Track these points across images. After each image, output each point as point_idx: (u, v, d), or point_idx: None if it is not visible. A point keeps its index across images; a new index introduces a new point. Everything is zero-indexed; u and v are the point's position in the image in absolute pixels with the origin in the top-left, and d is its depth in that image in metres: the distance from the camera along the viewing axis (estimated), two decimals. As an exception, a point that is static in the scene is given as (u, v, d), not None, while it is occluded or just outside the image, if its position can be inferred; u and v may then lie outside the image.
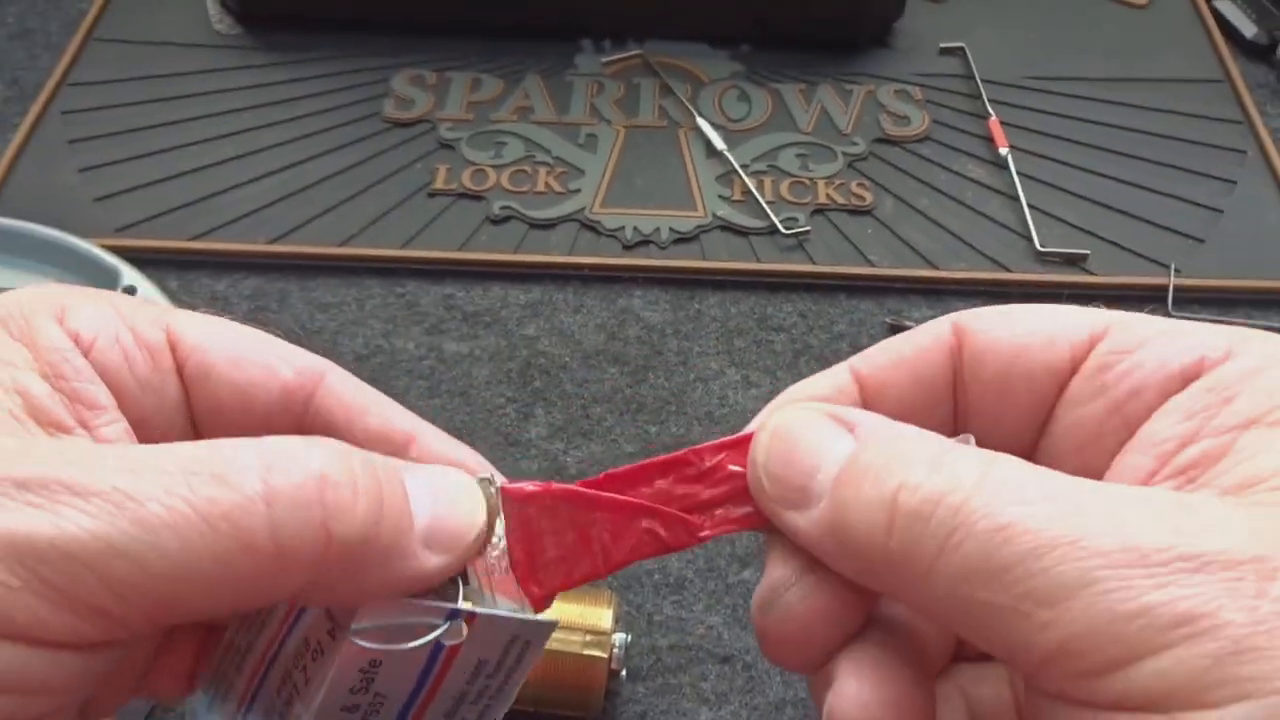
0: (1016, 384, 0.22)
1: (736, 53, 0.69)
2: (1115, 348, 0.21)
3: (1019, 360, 0.22)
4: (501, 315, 0.55)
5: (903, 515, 0.19)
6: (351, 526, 0.19)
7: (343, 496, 0.19)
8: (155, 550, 0.17)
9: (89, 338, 0.21)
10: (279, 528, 0.18)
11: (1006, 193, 0.61)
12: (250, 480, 0.18)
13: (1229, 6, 0.72)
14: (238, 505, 0.18)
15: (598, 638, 0.40)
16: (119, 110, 0.63)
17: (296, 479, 0.19)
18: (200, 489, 0.18)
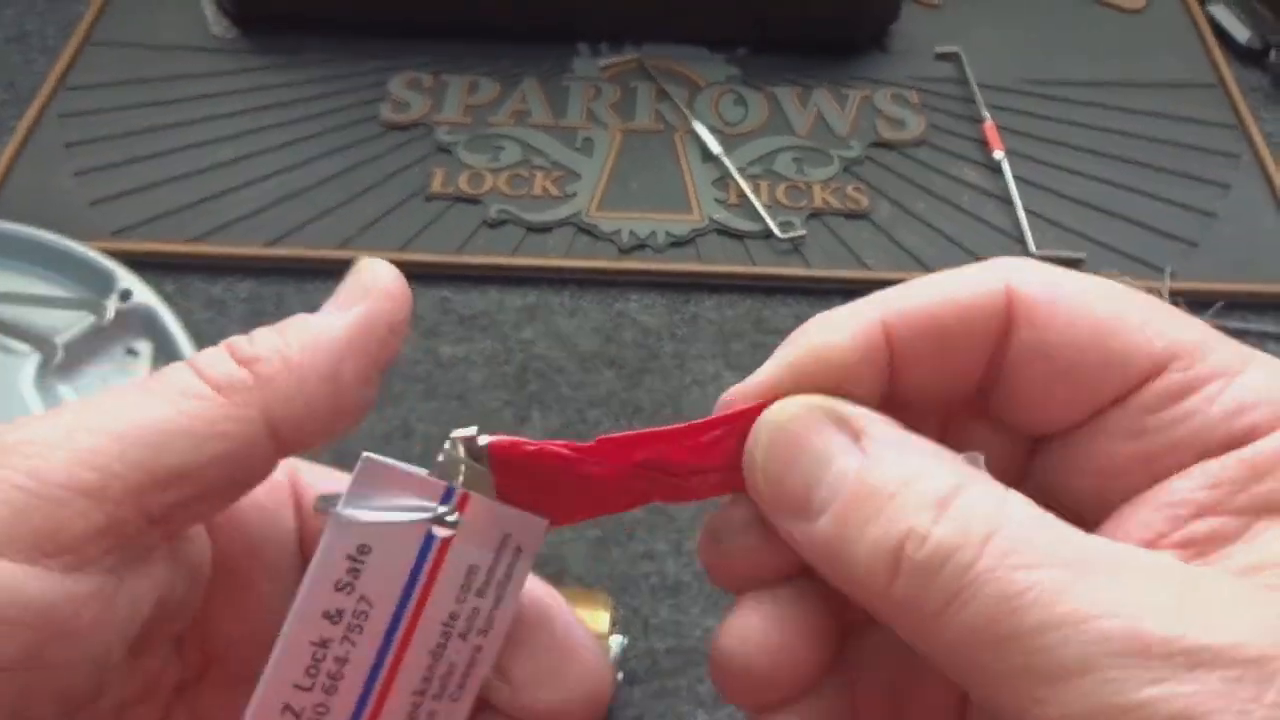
0: (1061, 392, 0.21)
1: (733, 56, 0.69)
2: (1168, 390, 0.20)
3: (1077, 369, 0.20)
4: (498, 318, 0.55)
5: (908, 567, 0.18)
6: (256, 351, 0.22)
7: (243, 345, 0.22)
8: (117, 417, 0.19)
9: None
10: (206, 375, 0.21)
11: (1002, 196, 0.61)
12: (175, 365, 0.21)
13: (1222, 11, 0.72)
14: (171, 377, 0.21)
15: None
16: (115, 113, 0.63)
17: (209, 352, 0.22)
18: (146, 383, 0.21)
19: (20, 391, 0.47)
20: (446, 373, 0.52)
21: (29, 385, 0.47)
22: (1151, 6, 0.73)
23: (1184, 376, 0.19)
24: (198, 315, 0.54)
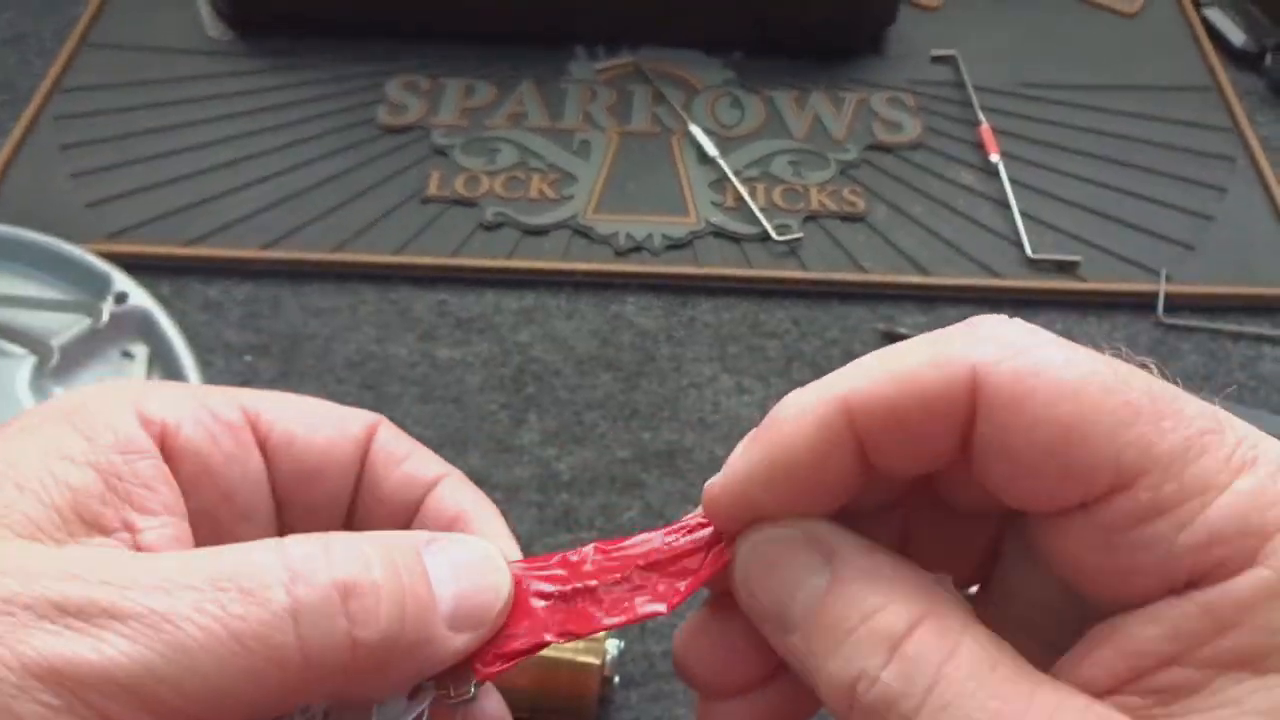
0: (1023, 491, 0.20)
1: (729, 60, 0.69)
2: (1133, 511, 0.18)
3: (1037, 474, 0.19)
4: (494, 321, 0.55)
5: (859, 706, 0.19)
6: (376, 630, 0.20)
7: (366, 603, 0.20)
8: (192, 673, 0.18)
9: (174, 422, 0.22)
10: (307, 642, 0.19)
11: (998, 199, 0.61)
12: (277, 594, 0.19)
13: (1218, 15, 0.72)
14: (266, 623, 0.19)
15: (591, 644, 0.40)
16: (112, 116, 0.63)
17: (320, 588, 0.19)
18: (230, 607, 0.19)
19: (15, 394, 0.47)
20: (443, 375, 0.52)
21: (24, 388, 0.47)
22: (1147, 10, 0.74)
23: (1152, 496, 0.18)
24: (194, 318, 0.54)
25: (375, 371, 0.52)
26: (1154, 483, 0.18)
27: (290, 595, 0.19)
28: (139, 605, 0.18)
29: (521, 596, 0.23)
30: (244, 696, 0.19)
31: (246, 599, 0.19)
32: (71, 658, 0.17)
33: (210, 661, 0.18)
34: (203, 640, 0.18)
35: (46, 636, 0.17)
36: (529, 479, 0.49)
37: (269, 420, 0.24)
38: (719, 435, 0.51)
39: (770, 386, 0.52)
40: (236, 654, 0.18)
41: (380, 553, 0.20)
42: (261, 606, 0.19)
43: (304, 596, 0.19)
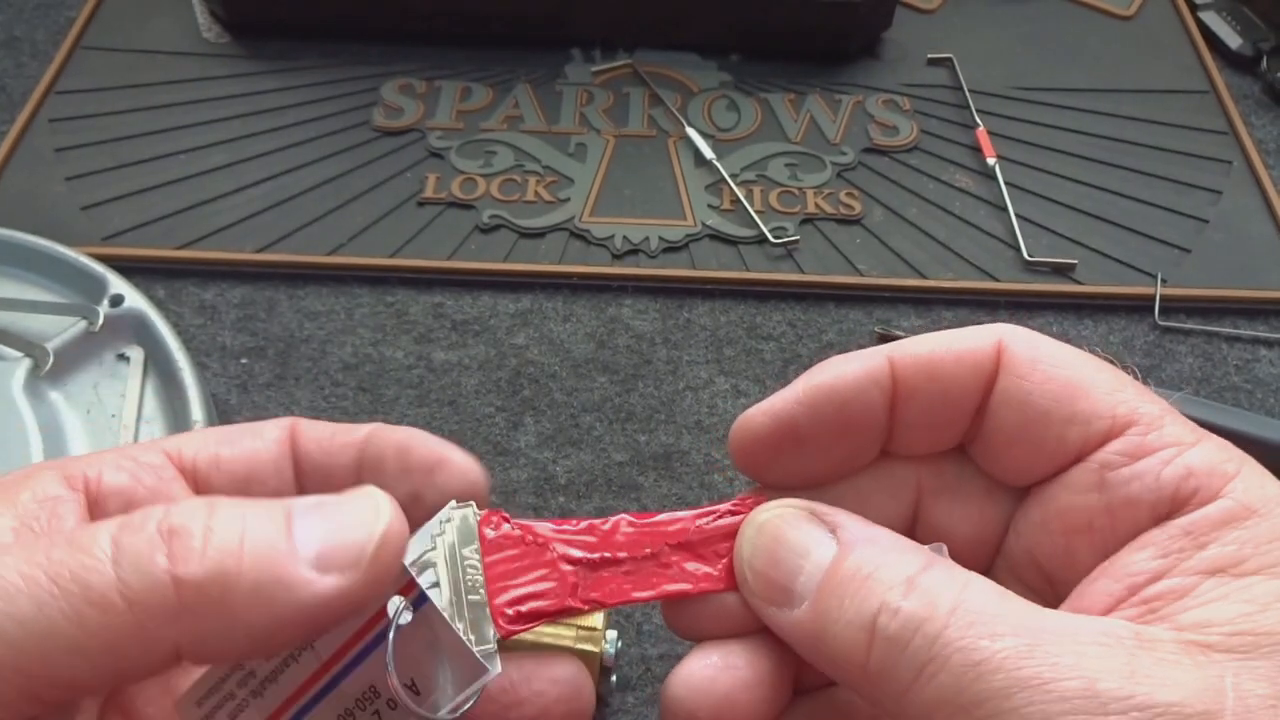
0: (1031, 440, 0.23)
1: (725, 62, 0.69)
2: (1125, 450, 0.22)
3: (1047, 419, 0.23)
4: (491, 324, 0.55)
5: (881, 639, 0.20)
6: (198, 566, 0.19)
7: (188, 543, 0.19)
8: (10, 617, 0.18)
9: (94, 474, 0.23)
10: (126, 582, 0.19)
11: (994, 202, 0.61)
12: (100, 541, 0.19)
13: (1214, 18, 0.72)
14: (84, 565, 0.19)
15: (589, 633, 0.40)
16: (107, 119, 0.63)
17: (145, 534, 0.19)
18: (54, 554, 0.19)
19: (11, 397, 0.46)
20: (439, 378, 0.52)
21: (19, 391, 0.47)
22: (1143, 13, 0.74)
23: (1141, 440, 0.22)
24: (189, 321, 0.54)
25: (371, 374, 0.52)
26: (1143, 430, 0.22)
27: (113, 540, 0.19)
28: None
29: (550, 559, 0.23)
30: (74, 643, 0.18)
31: (70, 546, 0.19)
32: None
33: (28, 605, 0.18)
34: (21, 585, 0.18)
35: None
36: (525, 481, 0.49)
37: (192, 451, 0.24)
38: (715, 438, 0.50)
39: (766, 389, 0.52)
40: (54, 596, 0.18)
41: (232, 503, 0.20)
42: (82, 551, 0.19)
43: (125, 540, 0.19)
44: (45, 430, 0.46)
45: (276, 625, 0.19)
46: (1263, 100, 0.68)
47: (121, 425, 0.47)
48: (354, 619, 0.22)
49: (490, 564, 0.23)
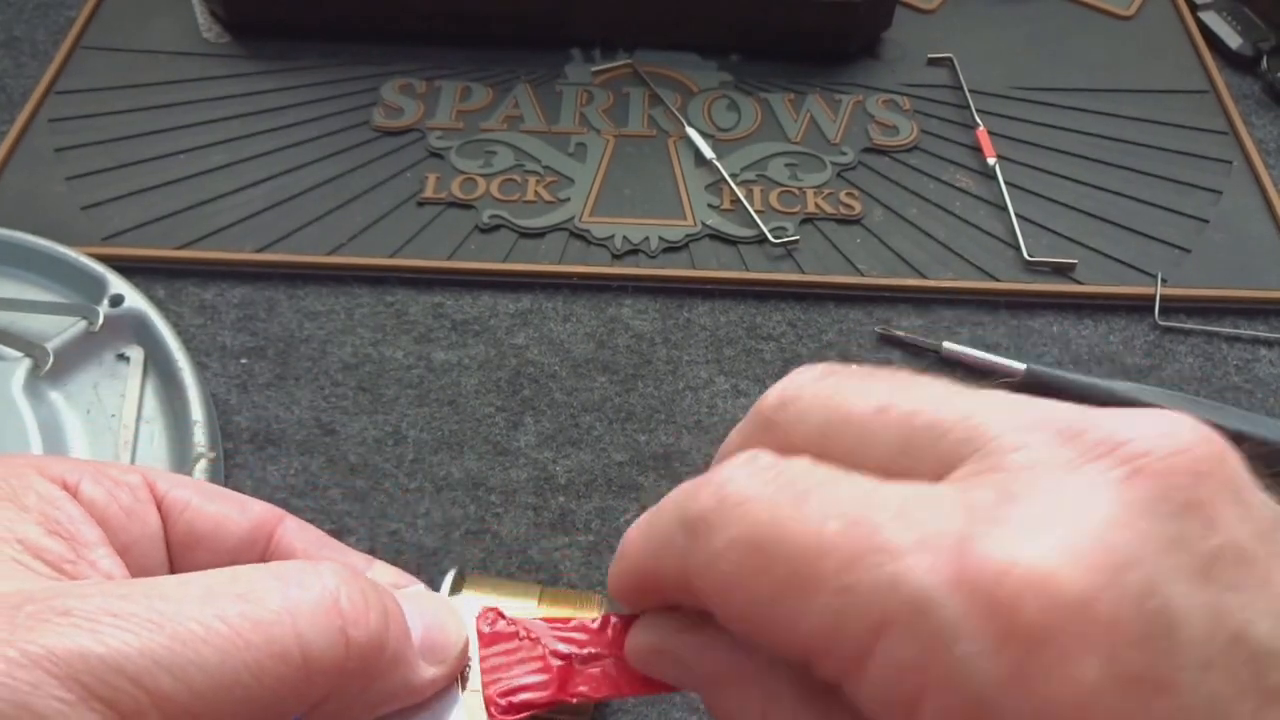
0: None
1: (725, 62, 0.69)
2: (826, 678, 0.19)
3: (756, 636, 0.21)
4: (490, 324, 0.55)
5: None
6: (367, 632, 0.21)
7: (357, 607, 0.21)
8: (196, 665, 0.18)
9: (74, 481, 0.23)
10: (304, 637, 0.20)
11: (994, 202, 0.61)
12: (273, 597, 0.20)
13: (1214, 18, 0.72)
14: (265, 620, 0.19)
15: None
16: (106, 118, 0.63)
17: (314, 593, 0.20)
18: (228, 607, 0.19)
19: (10, 397, 0.46)
20: (439, 378, 0.52)
21: (19, 391, 0.47)
22: (1143, 13, 0.74)
23: (840, 656, 0.18)
24: (189, 321, 0.54)
25: (371, 374, 0.52)
26: (834, 652, 0.18)
27: (284, 597, 0.20)
28: (140, 606, 0.19)
29: (541, 653, 0.24)
30: (247, 693, 0.19)
31: (242, 600, 0.19)
32: (80, 650, 0.17)
33: (213, 655, 0.19)
34: (204, 634, 0.19)
35: (52, 634, 0.18)
36: (525, 481, 0.49)
37: (166, 484, 0.25)
38: (715, 438, 0.50)
39: (766, 389, 0.52)
40: (239, 647, 0.19)
41: (365, 577, 0.22)
42: (259, 605, 0.20)
43: (298, 597, 0.20)
44: (45, 430, 0.46)
45: (387, 697, 0.22)
46: (1263, 100, 0.68)
47: (121, 425, 0.47)
48: None
49: (485, 656, 0.24)
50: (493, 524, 0.47)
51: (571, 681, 0.24)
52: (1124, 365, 0.54)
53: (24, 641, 0.17)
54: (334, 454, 0.49)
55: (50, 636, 0.17)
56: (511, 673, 0.24)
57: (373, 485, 0.48)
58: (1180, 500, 0.17)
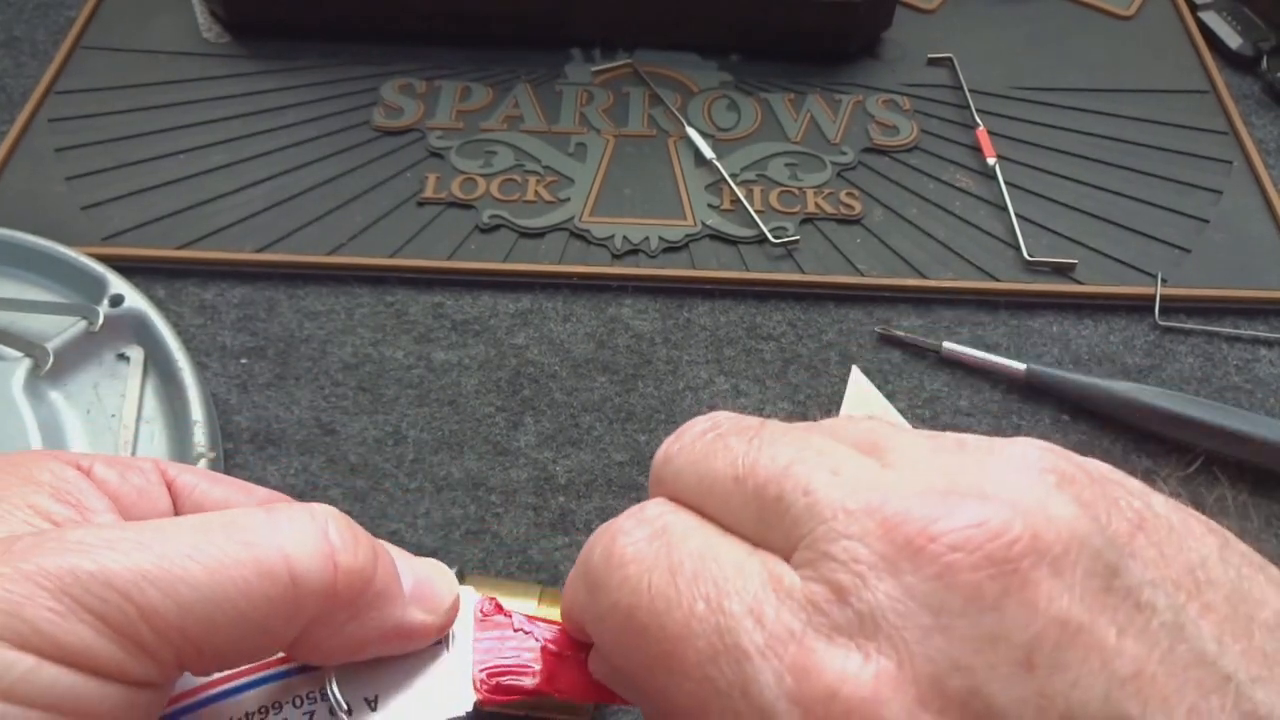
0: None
1: (725, 62, 0.69)
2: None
3: None
4: (490, 324, 0.55)
5: None
6: (355, 561, 0.21)
7: (345, 539, 0.22)
8: (184, 582, 0.19)
9: (87, 465, 0.24)
10: (292, 559, 0.20)
11: (995, 202, 0.61)
12: (261, 525, 0.21)
13: (1214, 18, 0.72)
14: (253, 541, 0.20)
15: None
16: (106, 118, 0.63)
17: (302, 524, 0.21)
18: (218, 533, 0.20)
19: (11, 396, 0.46)
20: (439, 378, 0.52)
21: (19, 391, 0.47)
22: (1143, 13, 0.74)
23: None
24: (189, 321, 0.54)
25: (371, 374, 0.52)
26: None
27: (273, 525, 0.21)
28: (131, 533, 0.19)
29: (534, 646, 0.25)
30: (237, 610, 0.20)
31: (230, 526, 0.20)
32: (71, 567, 0.18)
33: (201, 573, 0.19)
34: (191, 553, 0.19)
35: (46, 555, 0.19)
36: (525, 481, 0.49)
37: (174, 471, 0.26)
38: (716, 438, 0.50)
39: (767, 389, 0.52)
40: (226, 565, 0.20)
41: (347, 519, 0.23)
42: (247, 530, 0.20)
43: (286, 526, 0.21)
44: (45, 430, 0.46)
45: (377, 635, 0.23)
46: (1263, 100, 0.68)
47: (121, 425, 0.47)
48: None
49: (478, 638, 0.25)
50: (493, 524, 0.47)
51: (559, 678, 0.24)
52: (1124, 365, 0.54)
53: (18, 560, 0.18)
54: (334, 454, 0.49)
55: (44, 557, 0.18)
56: (503, 657, 0.24)
57: (373, 485, 0.48)
58: (995, 593, 0.17)
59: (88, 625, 0.18)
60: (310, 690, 0.23)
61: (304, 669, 0.23)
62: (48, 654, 0.18)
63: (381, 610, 0.22)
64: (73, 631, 0.18)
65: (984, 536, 0.17)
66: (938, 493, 0.18)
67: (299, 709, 0.23)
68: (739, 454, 0.21)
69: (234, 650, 0.20)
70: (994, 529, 0.17)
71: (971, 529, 0.17)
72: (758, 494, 0.20)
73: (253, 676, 0.23)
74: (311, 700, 0.23)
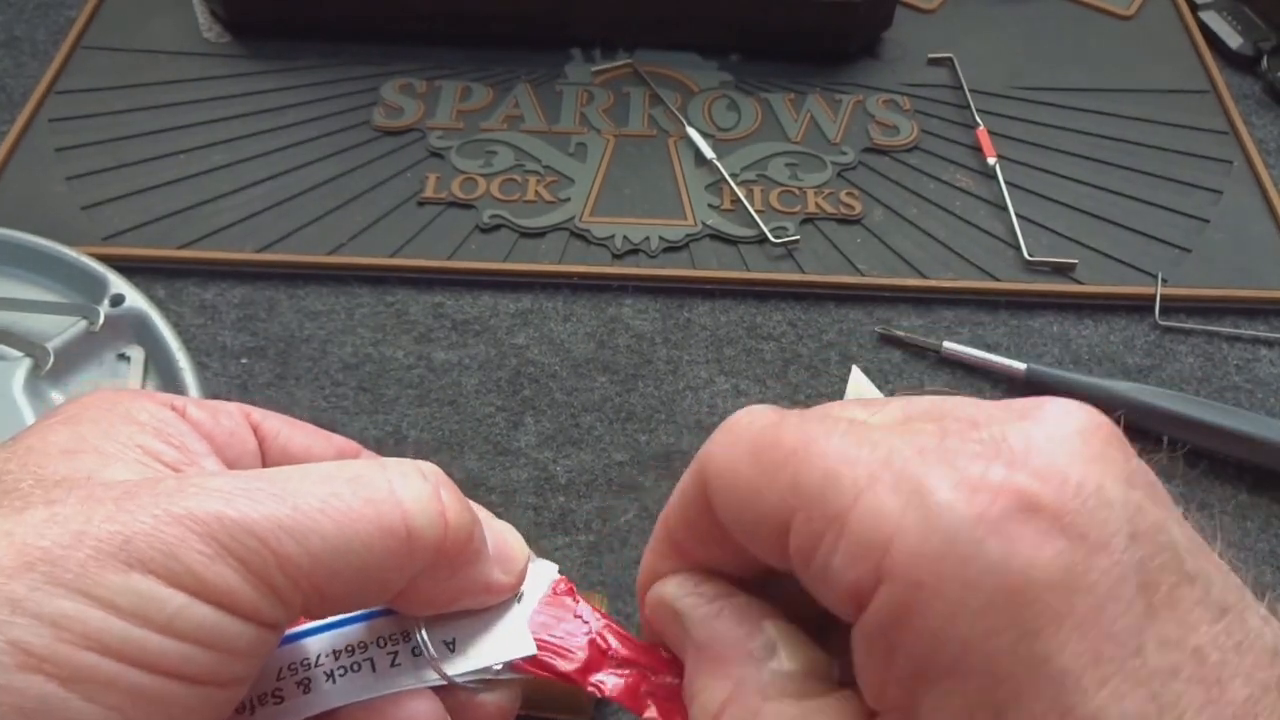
0: (754, 550, 0.22)
1: (726, 62, 0.69)
2: (800, 549, 0.20)
3: (742, 531, 0.22)
4: (491, 324, 0.55)
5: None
6: (461, 521, 0.23)
7: (453, 499, 0.23)
8: (315, 533, 0.20)
9: (180, 405, 0.25)
10: (410, 516, 0.22)
11: (995, 202, 0.61)
12: (381, 483, 0.22)
13: (1214, 17, 0.72)
14: (376, 499, 0.22)
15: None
16: (107, 118, 0.63)
17: (417, 482, 0.23)
18: (344, 488, 0.21)
19: (11, 396, 0.46)
20: (440, 378, 0.52)
21: (19, 390, 0.47)
22: (1143, 13, 0.74)
23: (806, 531, 0.20)
24: (190, 320, 0.54)
25: (372, 374, 0.52)
26: (805, 517, 0.20)
27: (391, 483, 0.22)
28: (264, 484, 0.21)
29: (586, 634, 0.26)
30: (359, 561, 0.21)
31: (355, 483, 0.22)
32: (217, 513, 0.20)
33: (330, 526, 0.21)
34: (322, 508, 0.21)
35: (192, 500, 0.20)
36: (526, 481, 0.49)
37: (262, 413, 0.27)
38: (716, 438, 0.50)
39: (767, 389, 0.52)
40: (352, 520, 0.21)
41: (449, 480, 0.24)
42: (370, 488, 0.22)
43: (403, 484, 0.22)
44: (46, 430, 0.46)
45: (466, 590, 0.24)
46: (1263, 100, 0.68)
47: (122, 425, 0.47)
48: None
49: (538, 609, 0.26)
50: (493, 524, 0.47)
51: (595, 671, 0.26)
52: (1124, 365, 0.54)
53: (168, 504, 0.20)
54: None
55: (190, 501, 0.20)
56: (553, 634, 0.26)
57: (373, 485, 0.48)
58: (1103, 437, 0.20)
59: (232, 569, 0.19)
60: (394, 632, 0.25)
61: (387, 612, 0.25)
62: (197, 593, 0.19)
63: (474, 567, 0.24)
64: (220, 574, 0.19)
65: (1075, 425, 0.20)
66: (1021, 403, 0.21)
67: (383, 649, 0.24)
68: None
69: (350, 598, 0.22)
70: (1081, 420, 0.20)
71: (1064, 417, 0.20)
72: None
73: (343, 616, 0.25)
74: (394, 641, 0.24)
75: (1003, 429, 0.19)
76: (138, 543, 0.19)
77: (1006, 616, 0.18)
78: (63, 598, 0.18)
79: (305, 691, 0.23)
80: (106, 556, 0.19)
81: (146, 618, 0.19)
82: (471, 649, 0.25)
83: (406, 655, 0.24)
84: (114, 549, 0.19)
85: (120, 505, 0.19)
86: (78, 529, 0.19)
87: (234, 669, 0.20)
